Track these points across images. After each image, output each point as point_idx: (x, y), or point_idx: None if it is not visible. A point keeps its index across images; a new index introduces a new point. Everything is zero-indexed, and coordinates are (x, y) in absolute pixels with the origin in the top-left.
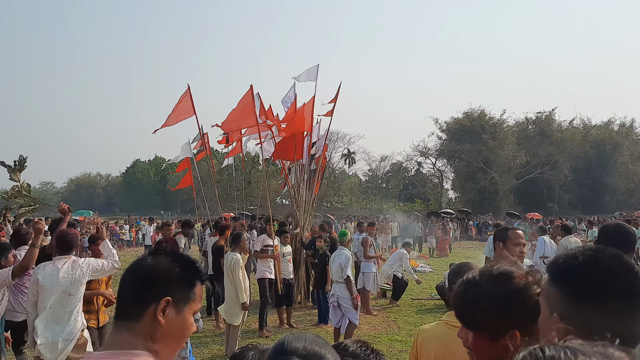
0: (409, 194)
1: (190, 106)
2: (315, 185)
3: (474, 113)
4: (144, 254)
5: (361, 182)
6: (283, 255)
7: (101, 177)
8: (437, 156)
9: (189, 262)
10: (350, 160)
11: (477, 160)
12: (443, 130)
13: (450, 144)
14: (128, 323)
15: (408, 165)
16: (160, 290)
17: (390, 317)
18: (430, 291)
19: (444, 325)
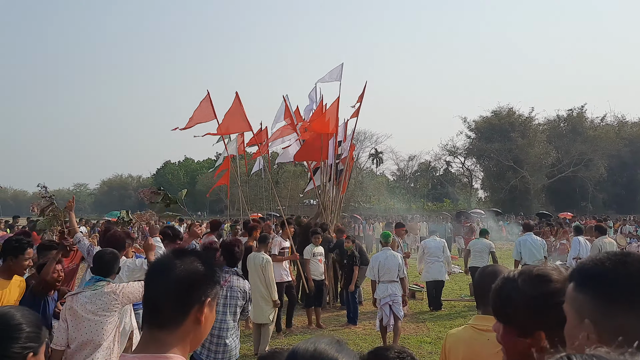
0: (438, 193)
1: (211, 110)
2: (343, 186)
3: (502, 111)
4: (167, 256)
5: (389, 181)
6: (314, 255)
7: (132, 178)
8: (466, 155)
9: (209, 257)
10: (377, 160)
11: (507, 159)
12: (472, 129)
13: (479, 142)
14: (166, 330)
15: (436, 165)
16: (200, 292)
17: (419, 319)
18: (461, 292)
19: (470, 329)
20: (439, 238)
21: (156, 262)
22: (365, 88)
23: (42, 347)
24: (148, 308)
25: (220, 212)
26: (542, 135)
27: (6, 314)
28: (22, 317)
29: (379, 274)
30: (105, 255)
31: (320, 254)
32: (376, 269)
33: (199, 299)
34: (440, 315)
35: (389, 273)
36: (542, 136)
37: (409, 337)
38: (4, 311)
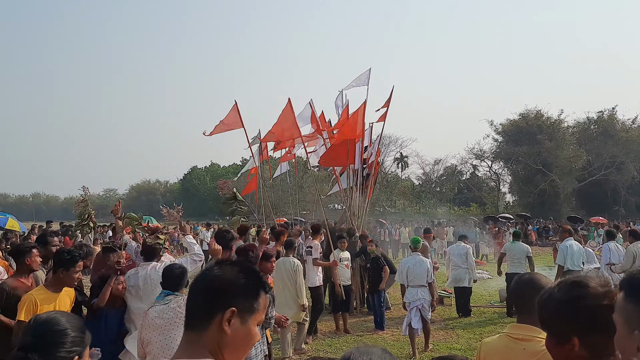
0: (464, 197)
1: (238, 119)
2: (369, 190)
3: (529, 114)
4: (211, 265)
5: (414, 186)
6: (340, 260)
7: (160, 183)
8: (493, 159)
9: (254, 272)
10: (402, 164)
11: (535, 163)
12: (498, 132)
13: (506, 146)
14: (195, 332)
15: (463, 169)
16: (226, 300)
17: (448, 325)
18: (490, 298)
19: (505, 337)
20: (464, 243)
21: (206, 268)
22: (392, 93)
23: (86, 351)
24: (187, 308)
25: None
26: (572, 138)
27: (52, 320)
28: (67, 322)
29: (408, 278)
30: (175, 270)
31: (347, 259)
32: (405, 274)
33: (223, 306)
34: (470, 322)
35: (418, 278)
36: (572, 139)
37: (438, 344)
38: (50, 317)
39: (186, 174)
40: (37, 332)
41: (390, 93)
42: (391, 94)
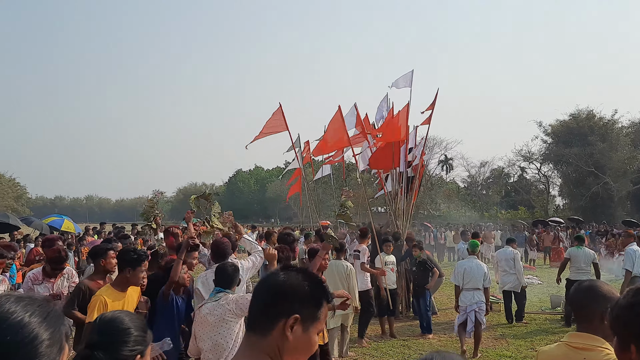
0: (512, 201)
1: (283, 122)
2: (414, 193)
3: (581, 114)
4: (277, 270)
5: (459, 188)
6: (385, 264)
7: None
8: (542, 161)
9: (318, 281)
10: (447, 166)
11: (587, 165)
12: (548, 134)
13: (556, 147)
14: (257, 335)
15: (510, 171)
16: (290, 306)
17: (497, 332)
18: (540, 304)
19: (565, 346)
20: (512, 248)
21: (269, 273)
22: (437, 95)
23: (148, 349)
24: (249, 313)
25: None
26: (627, 138)
27: (116, 319)
28: (131, 322)
29: (464, 281)
30: (227, 268)
31: (392, 262)
32: (461, 276)
33: (287, 312)
34: (519, 329)
35: (474, 281)
36: (627, 140)
37: (487, 351)
38: (115, 316)
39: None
40: (102, 330)
41: (435, 95)
42: (436, 96)
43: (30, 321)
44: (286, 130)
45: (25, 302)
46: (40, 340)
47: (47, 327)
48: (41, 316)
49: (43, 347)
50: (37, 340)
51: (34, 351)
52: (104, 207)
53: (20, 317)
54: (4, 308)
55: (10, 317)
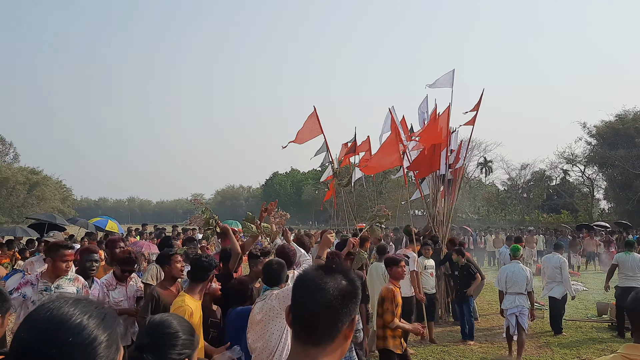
0: (554, 204)
1: (318, 126)
2: (453, 196)
3: (628, 115)
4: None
5: (499, 191)
6: (425, 268)
7: (243, 189)
8: (587, 163)
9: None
10: (487, 169)
11: (634, 167)
12: (592, 135)
13: (601, 149)
14: (322, 345)
15: (552, 174)
16: (350, 310)
17: (540, 340)
18: (586, 312)
19: (620, 358)
20: (560, 255)
21: (306, 279)
22: (482, 96)
23: (195, 353)
24: (302, 325)
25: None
26: None
27: (165, 322)
28: (179, 325)
29: (507, 285)
30: (272, 265)
31: (432, 266)
32: (504, 280)
33: (349, 316)
34: (565, 337)
35: (516, 285)
36: None
37: (530, 359)
38: (164, 319)
39: (268, 180)
40: (151, 333)
41: (480, 96)
42: (481, 97)
43: (88, 323)
44: (321, 134)
45: (82, 304)
46: (99, 342)
47: (104, 328)
48: (99, 318)
49: (102, 349)
50: (97, 341)
51: (94, 352)
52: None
53: (79, 319)
54: (63, 310)
55: (70, 319)
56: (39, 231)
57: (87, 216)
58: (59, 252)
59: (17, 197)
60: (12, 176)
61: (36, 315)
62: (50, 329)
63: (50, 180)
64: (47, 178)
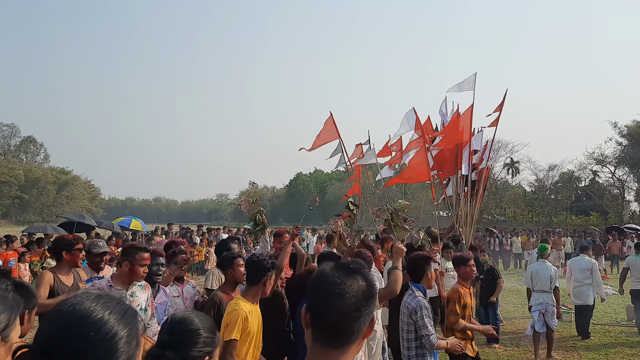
0: (583, 206)
1: (335, 131)
2: (478, 197)
3: None
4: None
5: (526, 193)
6: (446, 270)
7: (267, 189)
8: (617, 164)
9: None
10: (513, 169)
11: None
12: (623, 135)
13: (632, 150)
14: (343, 346)
15: (581, 175)
16: (370, 310)
17: (568, 344)
18: (616, 316)
19: None
20: (588, 257)
21: (328, 281)
22: (505, 97)
23: (216, 351)
24: (324, 327)
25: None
26: None
27: (187, 319)
28: (200, 323)
29: (533, 283)
30: None
31: (453, 269)
32: (530, 278)
33: (369, 316)
34: (593, 341)
35: (541, 283)
36: None
37: None
38: (185, 316)
39: (292, 180)
40: (173, 330)
41: (503, 97)
42: (504, 98)
43: (109, 319)
44: (338, 139)
45: (104, 300)
46: (120, 337)
47: (125, 324)
48: (119, 314)
49: (122, 344)
50: (117, 336)
51: (114, 347)
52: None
53: (100, 314)
54: (85, 305)
55: (91, 314)
56: (69, 230)
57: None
58: (137, 255)
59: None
60: (43, 176)
61: (59, 310)
62: (72, 323)
63: (79, 180)
64: (76, 178)
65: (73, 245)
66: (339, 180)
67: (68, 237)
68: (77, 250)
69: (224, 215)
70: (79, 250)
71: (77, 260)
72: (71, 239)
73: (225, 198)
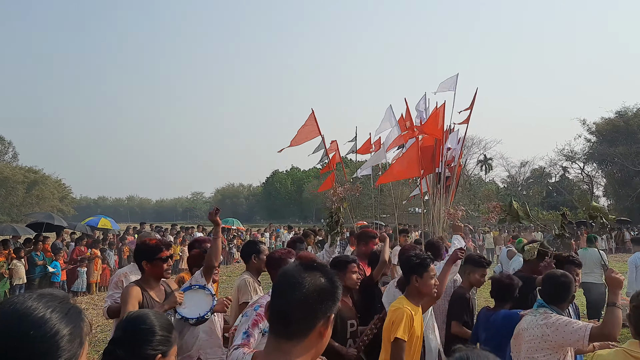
0: (553, 201)
1: (315, 128)
2: (451, 194)
3: (628, 112)
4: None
5: (499, 189)
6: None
7: (244, 187)
8: (586, 160)
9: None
10: (486, 166)
11: (634, 164)
12: (592, 132)
13: (600, 146)
14: (294, 339)
15: (551, 171)
16: (326, 308)
17: None
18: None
19: (622, 352)
20: None
21: (286, 274)
22: (475, 95)
23: (172, 350)
24: (277, 318)
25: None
26: None
27: (141, 317)
28: (157, 320)
29: None
30: (557, 277)
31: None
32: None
33: (324, 314)
34: None
35: None
36: None
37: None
38: (140, 314)
39: (268, 178)
40: (126, 328)
41: (474, 95)
42: (475, 96)
43: (51, 317)
44: (319, 136)
45: (46, 299)
46: (61, 336)
47: (67, 323)
48: (62, 312)
49: (64, 342)
50: (58, 335)
51: (55, 345)
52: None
53: (42, 313)
54: (26, 304)
55: (32, 312)
56: (37, 231)
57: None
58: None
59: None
60: (12, 175)
61: (1, 309)
62: (12, 321)
63: (49, 179)
64: (46, 177)
65: (155, 252)
66: (316, 177)
67: (150, 243)
68: (160, 261)
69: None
70: (163, 260)
71: (161, 273)
72: (153, 244)
73: (201, 196)
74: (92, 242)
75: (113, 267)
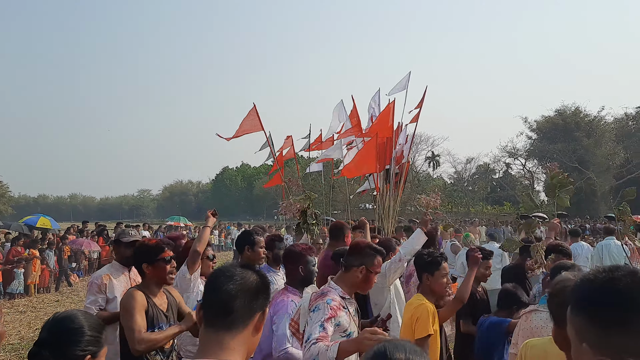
0: (497, 196)
1: (257, 122)
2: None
3: (567, 110)
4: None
5: (446, 185)
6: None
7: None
8: (527, 157)
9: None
10: (434, 163)
11: (571, 160)
12: (533, 130)
13: (541, 143)
14: (233, 330)
15: (495, 167)
16: (262, 302)
17: None
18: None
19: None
20: (498, 244)
21: (222, 269)
22: (425, 93)
23: (102, 351)
24: (217, 309)
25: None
26: (610, 134)
27: (68, 318)
28: (85, 321)
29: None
30: None
31: None
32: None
33: (261, 307)
34: None
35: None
36: (610, 136)
37: None
38: (68, 314)
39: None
40: (52, 329)
41: (424, 94)
42: (424, 94)
43: None
44: (261, 130)
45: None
46: None
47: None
48: None
49: None
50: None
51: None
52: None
53: None
54: None
55: None
56: None
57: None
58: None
59: None
60: None
61: None
62: None
63: None
64: None
65: (157, 253)
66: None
67: (150, 243)
68: (163, 262)
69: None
70: (165, 262)
71: (164, 276)
72: (154, 244)
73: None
74: (30, 242)
75: (53, 268)
